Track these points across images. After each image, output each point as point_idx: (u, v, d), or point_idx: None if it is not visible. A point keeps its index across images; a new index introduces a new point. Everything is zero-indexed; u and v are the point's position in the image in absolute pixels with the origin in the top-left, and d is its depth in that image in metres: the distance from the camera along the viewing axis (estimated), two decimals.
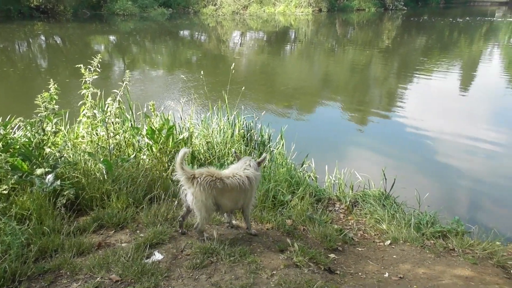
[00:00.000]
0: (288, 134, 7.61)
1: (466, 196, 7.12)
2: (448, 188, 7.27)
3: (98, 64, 4.81)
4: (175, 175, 3.59)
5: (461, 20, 42.71)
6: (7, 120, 4.79)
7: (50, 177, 4.00)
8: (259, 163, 3.98)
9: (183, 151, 3.45)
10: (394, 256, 4.32)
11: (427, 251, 4.46)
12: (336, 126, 10.64)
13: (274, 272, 3.32)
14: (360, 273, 3.85)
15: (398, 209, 5.71)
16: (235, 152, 4.19)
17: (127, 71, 5.32)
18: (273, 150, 7.10)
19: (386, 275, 3.81)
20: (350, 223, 5.44)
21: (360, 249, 4.53)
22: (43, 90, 4.54)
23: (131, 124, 6.33)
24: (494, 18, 45.97)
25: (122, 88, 5.07)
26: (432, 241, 4.78)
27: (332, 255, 4.11)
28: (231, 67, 7.14)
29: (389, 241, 4.76)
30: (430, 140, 9.52)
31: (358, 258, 4.25)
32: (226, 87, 7.10)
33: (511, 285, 3.79)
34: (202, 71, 7.99)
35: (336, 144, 9.24)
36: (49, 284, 3.03)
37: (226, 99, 7.12)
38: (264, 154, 4.32)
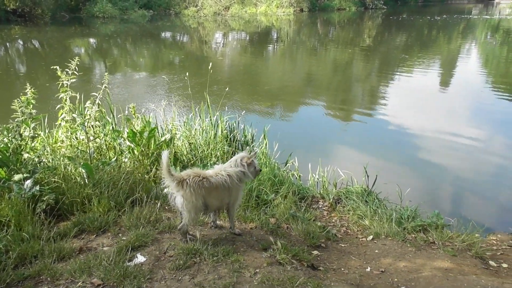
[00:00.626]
0: (272, 133, 7.64)
1: (446, 191, 7.27)
2: (428, 183, 7.40)
3: (76, 67, 4.74)
4: (164, 181, 3.57)
5: (439, 18, 43.53)
6: None
7: (28, 182, 3.94)
8: (248, 159, 3.95)
9: (165, 155, 3.42)
10: (376, 251, 4.39)
11: (408, 245, 4.55)
12: (319, 125, 10.73)
13: (257, 270, 3.34)
14: (342, 269, 3.90)
15: (380, 204, 5.80)
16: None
17: (106, 73, 5.27)
18: (256, 150, 7.12)
19: (368, 269, 3.87)
20: (333, 220, 5.51)
21: (343, 245, 4.59)
22: (21, 94, 4.46)
23: (112, 127, 6.27)
24: (471, 16, 46.99)
25: (102, 91, 5.02)
26: (413, 235, 4.88)
27: (315, 252, 4.16)
28: (209, 67, 7.12)
29: (371, 236, 4.83)
30: (411, 136, 9.69)
31: (341, 254, 4.30)
32: (209, 88, 7.08)
33: (489, 275, 3.89)
34: (187, 73, 7.99)
35: (319, 142, 9.31)
36: None
37: (208, 100, 7.11)
38: (255, 150, 4.36)
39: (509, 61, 20.02)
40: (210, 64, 7.12)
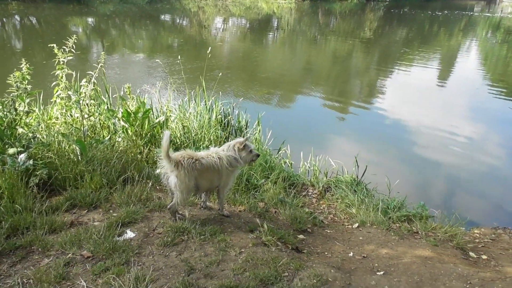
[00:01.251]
0: (267, 121, 7.70)
1: (435, 184, 7.40)
2: (418, 176, 7.53)
3: (74, 46, 4.77)
4: (160, 161, 3.64)
5: (440, 13, 43.44)
6: None
7: (22, 156, 4.00)
8: (241, 144, 4.04)
9: (166, 136, 3.47)
10: (360, 238, 4.52)
11: (392, 234, 4.67)
12: (314, 115, 10.79)
13: (243, 250, 3.45)
14: (326, 253, 4.02)
15: (368, 194, 5.92)
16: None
17: (103, 53, 5.30)
18: (249, 135, 7.19)
19: (351, 254, 3.99)
20: (321, 207, 5.63)
21: (328, 231, 4.72)
22: (14, 70, 4.49)
23: (107, 106, 6.31)
24: (473, 13, 46.88)
25: (97, 70, 5.06)
26: (397, 225, 5.01)
27: (301, 236, 4.28)
28: (208, 52, 7.15)
29: (357, 224, 4.96)
30: (405, 130, 9.81)
31: (326, 239, 4.42)
32: (207, 73, 7.11)
33: (467, 264, 4.03)
34: (179, 56, 7.97)
35: (313, 132, 9.39)
36: (20, 259, 3.08)
37: (203, 85, 7.15)
38: (247, 135, 4.41)
39: (508, 60, 20.10)
40: (209, 48, 7.14)
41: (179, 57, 8.50)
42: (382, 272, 3.49)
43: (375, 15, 40.95)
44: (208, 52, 7.11)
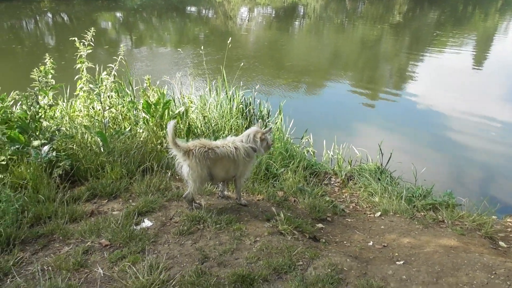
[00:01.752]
0: (292, 110, 7.62)
1: (465, 172, 7.14)
2: (447, 164, 7.30)
3: (92, 39, 4.85)
4: (171, 151, 3.68)
5: None
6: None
7: (46, 148, 4.13)
8: (263, 134, 4.00)
9: (170, 126, 3.49)
10: (382, 227, 4.41)
11: (416, 223, 4.53)
12: (341, 103, 10.58)
13: (258, 239, 3.43)
14: (345, 242, 3.95)
15: (392, 183, 5.77)
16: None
17: (122, 45, 5.36)
18: (271, 125, 7.14)
19: (371, 243, 3.90)
20: (343, 196, 5.53)
21: (349, 220, 4.63)
22: (40, 64, 4.62)
23: (131, 98, 6.41)
24: None
25: (117, 62, 5.13)
26: (422, 213, 4.85)
27: (319, 225, 4.22)
28: (228, 42, 7.12)
29: (379, 213, 4.84)
30: (435, 117, 9.51)
31: (345, 228, 4.34)
32: (233, 63, 7.09)
33: (495, 254, 3.85)
34: (202, 47, 7.98)
35: (339, 120, 9.23)
36: (42, 247, 3.19)
37: (224, 75, 7.14)
38: (270, 126, 4.40)
39: None
40: (230, 39, 7.11)
41: (201, 48, 8.49)
42: (401, 262, 3.39)
43: None
44: (228, 42, 7.08)
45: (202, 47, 8.41)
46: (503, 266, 3.20)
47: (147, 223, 3.59)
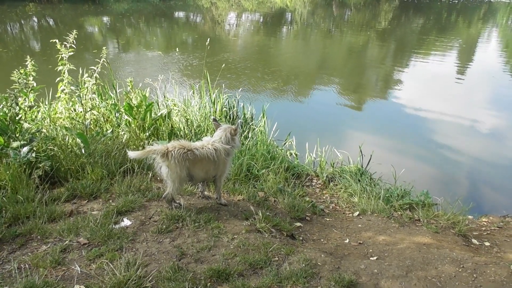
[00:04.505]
0: (276, 113, 7.69)
1: (443, 173, 7.29)
2: (426, 166, 7.43)
3: (74, 41, 4.88)
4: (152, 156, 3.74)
5: (459, 1, 42.31)
6: None
7: (25, 149, 4.14)
8: (234, 130, 4.10)
9: (135, 154, 3.63)
10: (359, 225, 4.51)
11: (393, 221, 4.65)
12: (327, 107, 10.66)
13: (235, 236, 3.50)
14: (322, 240, 4.04)
15: (371, 183, 5.89)
16: (214, 119, 4.32)
17: (104, 48, 5.40)
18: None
19: (347, 241, 4.00)
20: (324, 197, 5.63)
21: (328, 219, 4.72)
22: (19, 68, 4.64)
23: (114, 101, 6.44)
24: (493, 0, 45.47)
25: (99, 65, 5.17)
26: (399, 213, 4.98)
27: (297, 224, 4.30)
28: (207, 43, 7.21)
29: (357, 212, 4.95)
30: (417, 120, 9.69)
31: (323, 226, 4.43)
32: (218, 67, 7.16)
33: (467, 251, 3.98)
34: (177, 49, 8.03)
35: (323, 124, 9.31)
36: (19, 246, 3.20)
37: (208, 78, 7.21)
38: (238, 121, 4.47)
39: None
40: (208, 39, 7.19)
41: (177, 49, 8.55)
42: (375, 258, 3.49)
43: (390, 5, 40.19)
44: (207, 43, 7.17)
45: (177, 49, 8.45)
46: (471, 260, 3.33)
47: (126, 222, 3.63)
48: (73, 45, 4.97)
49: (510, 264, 3.29)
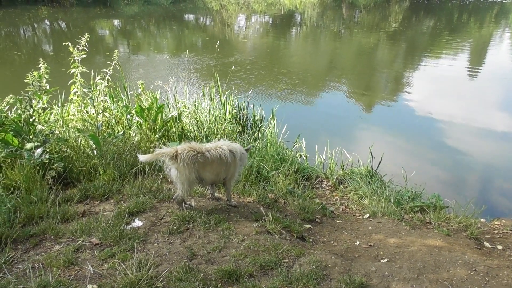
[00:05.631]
0: (286, 115, 7.71)
1: (456, 176, 7.22)
2: (438, 168, 7.37)
3: (86, 44, 4.95)
4: (162, 159, 3.79)
5: (471, 1, 41.87)
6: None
7: (39, 150, 4.21)
8: (246, 150, 4.26)
9: (144, 158, 3.71)
10: (370, 228, 4.50)
11: (404, 224, 4.62)
12: (337, 109, 10.64)
13: (246, 238, 3.51)
14: (332, 242, 4.03)
15: (381, 185, 5.86)
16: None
17: (116, 50, 5.48)
18: (265, 130, 7.24)
19: (357, 243, 3.98)
20: (334, 199, 5.62)
21: (338, 221, 4.71)
22: (32, 71, 4.72)
23: (125, 103, 6.51)
24: (505, 0, 44.88)
25: (111, 67, 5.23)
26: (410, 215, 4.95)
27: (308, 225, 4.30)
28: (216, 46, 7.25)
29: (368, 215, 4.93)
30: (429, 122, 9.59)
31: (334, 229, 4.42)
32: (228, 68, 7.20)
33: (479, 254, 3.94)
34: (187, 51, 8.09)
35: (332, 125, 9.32)
36: (33, 246, 3.26)
37: (218, 80, 7.25)
38: (250, 145, 4.64)
39: None
40: (218, 42, 7.23)
41: (186, 52, 8.63)
42: (385, 260, 3.47)
43: (400, 7, 39.91)
44: (216, 46, 7.21)
45: (187, 52, 8.51)
46: (483, 263, 3.29)
47: (137, 223, 3.66)
48: (85, 48, 5.03)
49: None
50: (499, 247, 4.37)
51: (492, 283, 3.03)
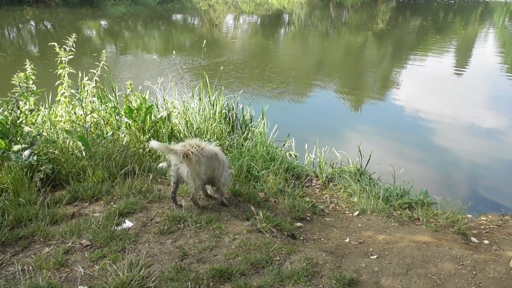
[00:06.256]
0: (275, 115, 7.74)
1: (443, 173, 7.33)
2: (427, 166, 7.48)
3: (73, 45, 4.91)
4: (169, 158, 3.84)
5: (456, 1, 42.49)
6: None
7: (26, 152, 4.16)
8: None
9: (156, 144, 3.68)
10: (359, 225, 4.54)
11: (392, 221, 4.68)
12: (326, 108, 10.71)
13: (237, 237, 3.53)
14: (322, 239, 4.07)
15: (370, 183, 5.92)
16: None
17: (104, 51, 5.44)
18: (254, 129, 7.26)
19: (347, 240, 4.03)
20: (324, 197, 5.67)
21: (328, 219, 4.75)
22: (18, 71, 4.67)
23: (113, 104, 6.47)
24: (489, 0, 45.64)
25: (99, 68, 5.20)
26: (399, 212, 5.01)
27: (298, 224, 4.33)
28: (203, 45, 7.26)
29: (357, 212, 4.98)
30: (415, 120, 9.73)
31: (324, 226, 4.46)
32: (217, 69, 7.21)
33: (466, 249, 4.01)
34: (174, 51, 8.07)
35: (321, 125, 9.35)
36: (22, 248, 3.22)
37: (207, 80, 7.25)
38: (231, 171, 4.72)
39: None
40: (204, 42, 7.23)
41: (173, 53, 8.62)
42: (375, 256, 3.52)
43: (387, 6, 40.30)
44: (203, 45, 7.21)
45: (174, 52, 8.49)
46: (470, 258, 3.36)
47: (128, 223, 3.65)
48: (72, 49, 4.99)
49: (509, 261, 3.32)
50: (486, 242, 4.46)
51: (479, 276, 3.10)
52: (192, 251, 3.24)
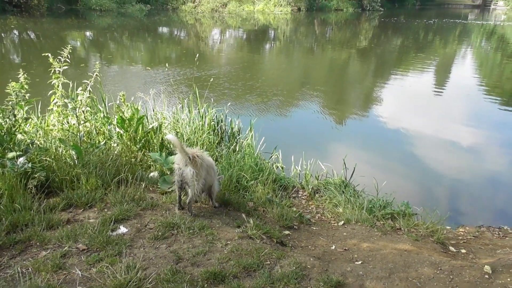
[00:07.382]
0: (262, 128, 7.93)
1: (423, 186, 7.62)
2: (408, 179, 7.77)
3: (68, 56, 5.04)
4: (176, 158, 4.11)
5: (435, 22, 44.04)
6: None
7: (21, 160, 4.24)
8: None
9: (173, 137, 3.99)
10: (344, 234, 4.74)
11: (376, 230, 4.89)
12: (309, 123, 10.97)
13: (229, 242, 3.67)
14: (310, 246, 4.24)
15: (355, 194, 6.15)
16: None
17: (97, 62, 5.57)
18: (242, 141, 7.44)
19: (333, 247, 4.22)
20: (310, 208, 5.86)
21: (314, 228, 4.94)
22: (10, 81, 4.76)
23: (104, 114, 6.56)
24: (467, 21, 47.49)
25: (93, 78, 5.32)
26: (382, 222, 5.24)
27: (286, 232, 4.51)
28: (196, 59, 7.47)
29: (342, 222, 5.18)
30: (396, 135, 10.08)
31: (311, 235, 4.65)
32: (204, 82, 7.39)
33: (445, 256, 4.24)
34: (167, 64, 8.25)
35: (307, 138, 9.61)
36: (19, 252, 3.30)
37: (196, 92, 7.42)
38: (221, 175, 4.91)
39: (502, 67, 20.50)
40: (197, 55, 7.43)
41: (166, 65, 8.78)
42: (360, 262, 3.71)
43: (370, 25, 41.52)
44: (196, 59, 7.42)
45: (167, 65, 8.66)
46: (448, 263, 3.58)
47: (122, 229, 3.76)
48: (67, 60, 5.11)
49: (483, 266, 3.55)
50: (463, 251, 4.70)
51: (456, 280, 3.31)
52: (186, 255, 3.37)
